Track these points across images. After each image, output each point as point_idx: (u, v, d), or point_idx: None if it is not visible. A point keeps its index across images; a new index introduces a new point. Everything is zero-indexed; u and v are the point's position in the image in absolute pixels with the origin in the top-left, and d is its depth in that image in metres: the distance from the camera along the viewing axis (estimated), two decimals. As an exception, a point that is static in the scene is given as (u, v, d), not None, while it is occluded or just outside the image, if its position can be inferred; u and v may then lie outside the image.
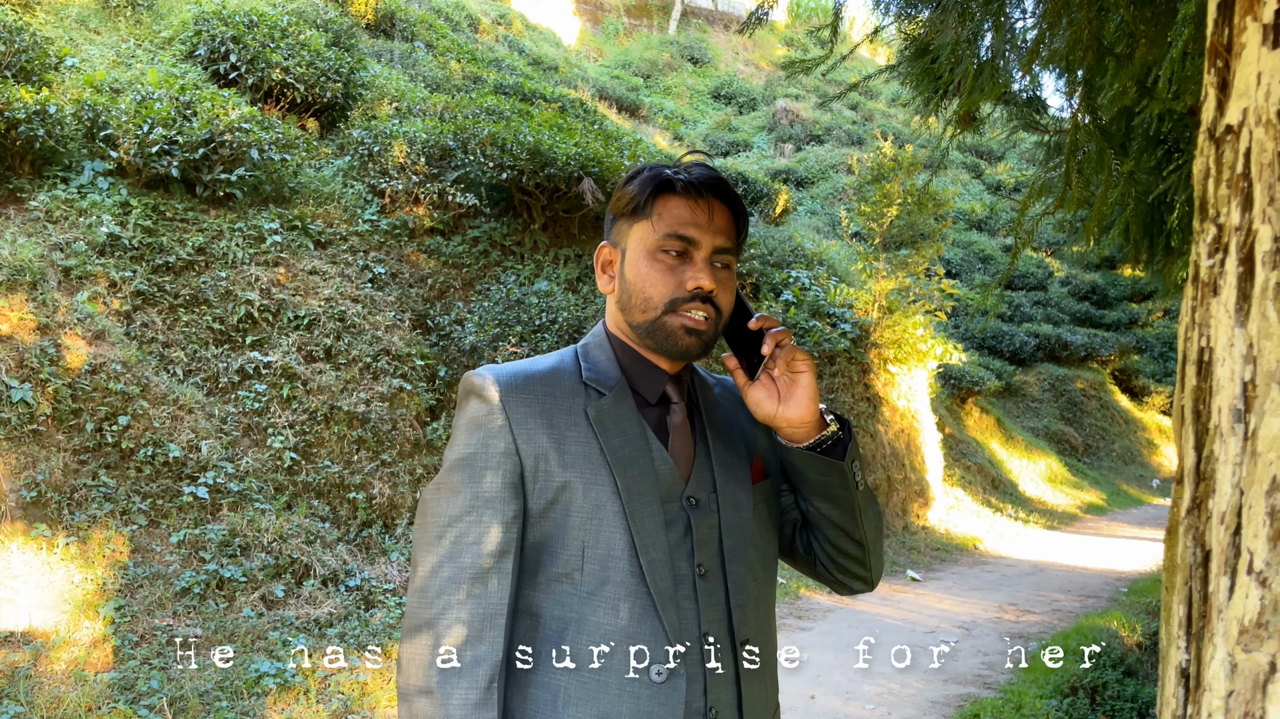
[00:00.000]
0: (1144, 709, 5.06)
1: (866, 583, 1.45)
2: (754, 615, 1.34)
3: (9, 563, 4.60)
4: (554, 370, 1.35)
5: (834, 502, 1.35)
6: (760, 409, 1.31)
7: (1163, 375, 21.79)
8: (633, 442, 1.30)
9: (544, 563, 1.28)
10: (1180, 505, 0.76)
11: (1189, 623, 0.73)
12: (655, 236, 1.30)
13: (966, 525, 11.34)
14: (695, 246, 1.30)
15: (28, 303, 5.38)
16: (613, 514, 1.26)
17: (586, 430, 1.30)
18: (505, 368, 1.34)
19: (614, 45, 28.99)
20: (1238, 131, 0.72)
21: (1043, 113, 4.39)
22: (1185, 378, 0.76)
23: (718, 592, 1.31)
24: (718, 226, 1.31)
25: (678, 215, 1.30)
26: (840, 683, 5.34)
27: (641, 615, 1.25)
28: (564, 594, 1.27)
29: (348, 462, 6.24)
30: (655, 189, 1.32)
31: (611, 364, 1.36)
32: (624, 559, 1.25)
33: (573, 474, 1.27)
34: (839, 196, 20.67)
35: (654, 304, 1.30)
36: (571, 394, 1.32)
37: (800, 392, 1.29)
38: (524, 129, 8.20)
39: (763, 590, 1.38)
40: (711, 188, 1.31)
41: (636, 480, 1.28)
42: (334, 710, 4.52)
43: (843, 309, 10.29)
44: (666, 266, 1.30)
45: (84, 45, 8.82)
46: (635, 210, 1.33)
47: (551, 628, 1.27)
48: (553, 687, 1.26)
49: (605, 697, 1.24)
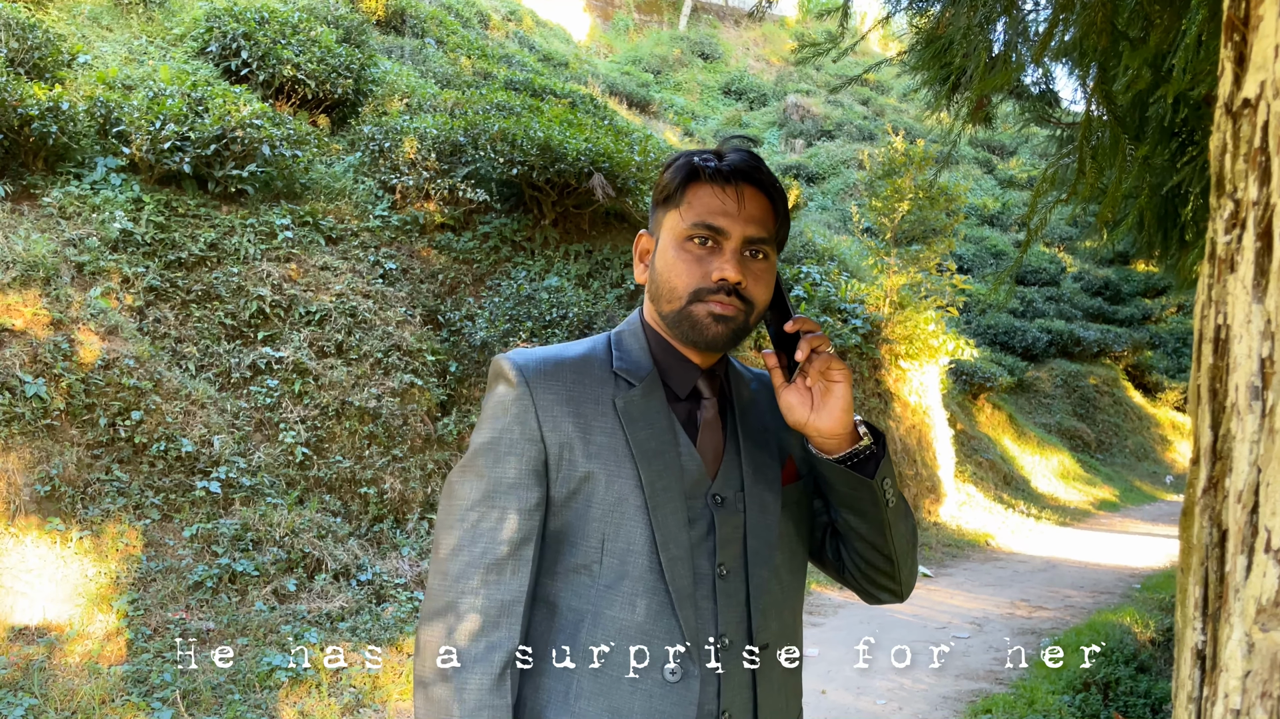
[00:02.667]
0: (1157, 705, 5.03)
1: (896, 595, 1.41)
2: (776, 619, 1.31)
3: (23, 557, 4.63)
4: (584, 358, 1.32)
5: (863, 516, 1.31)
6: (792, 414, 1.26)
7: (1176, 371, 21.65)
8: (660, 435, 1.27)
9: (564, 553, 1.26)
10: (1196, 485, 0.75)
11: (1205, 603, 0.72)
12: (684, 225, 1.27)
13: (978, 521, 11.30)
14: (724, 236, 1.25)
15: (41, 298, 5.41)
16: (635, 508, 1.24)
17: (613, 421, 1.27)
18: (535, 352, 1.31)
19: (624, 41, 28.96)
20: (1255, 105, 0.71)
21: (1055, 106, 4.36)
22: (1202, 356, 0.75)
23: (738, 593, 1.28)
24: (749, 215, 1.26)
25: (707, 204, 1.26)
26: (851, 678, 5.33)
27: (658, 612, 1.23)
28: (582, 586, 1.25)
29: (359, 457, 6.26)
30: (686, 177, 1.28)
31: (644, 354, 1.33)
32: (643, 554, 1.23)
33: (596, 465, 1.25)
34: (850, 192, 20.62)
35: (679, 294, 1.26)
36: (601, 383, 1.30)
37: (834, 402, 1.24)
38: (534, 125, 8.19)
39: (787, 595, 1.34)
40: (744, 175, 1.26)
41: (660, 475, 1.25)
42: (346, 704, 4.53)
43: (854, 304, 10.26)
44: (694, 257, 1.26)
45: (96, 42, 8.86)
46: (668, 199, 1.30)
47: (568, 619, 1.25)
48: (566, 678, 1.24)
49: (618, 692, 1.22)
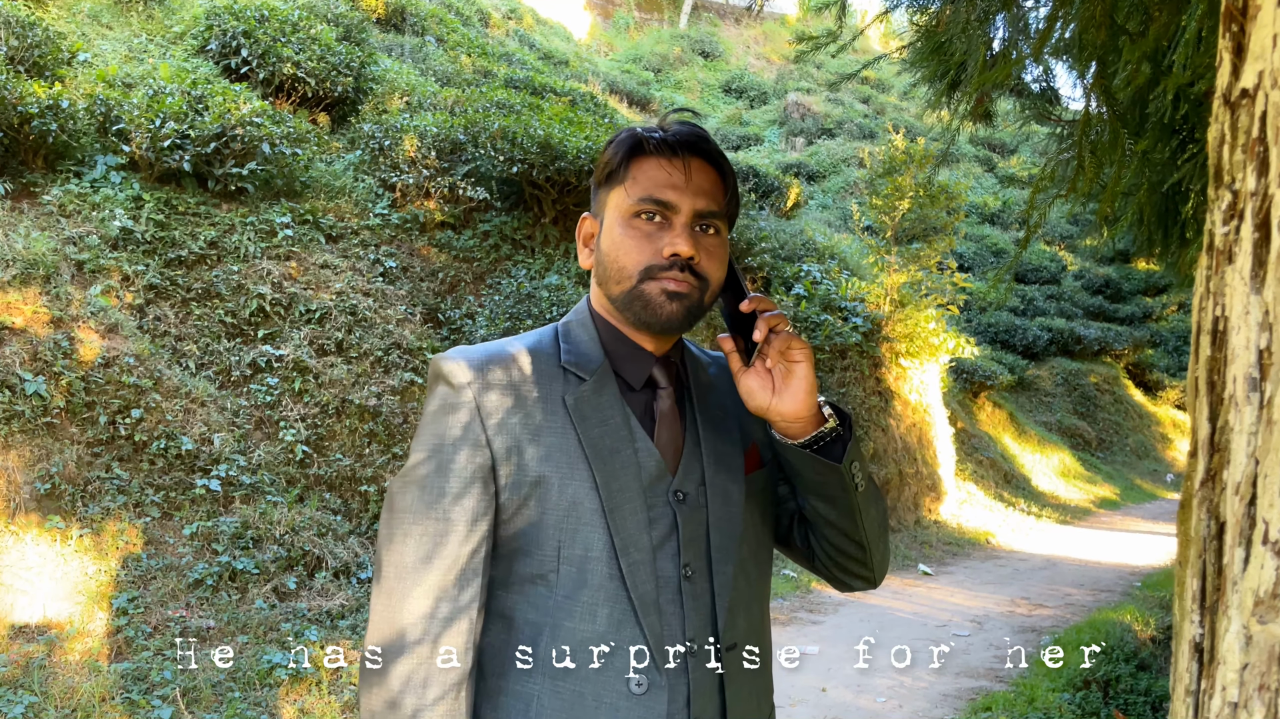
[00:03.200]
0: (1157, 703, 5.03)
1: (869, 581, 1.34)
2: (744, 617, 1.25)
3: (23, 554, 4.63)
4: (530, 352, 1.24)
5: (831, 502, 1.24)
6: (752, 400, 1.19)
7: (1177, 369, 21.64)
8: (614, 432, 1.19)
9: (517, 563, 1.19)
10: (1194, 478, 0.75)
11: (1203, 596, 0.72)
12: (630, 201, 1.19)
13: (978, 520, 11.30)
14: (673, 211, 1.18)
15: (41, 296, 5.41)
16: (591, 512, 1.16)
17: (564, 420, 1.19)
18: (476, 349, 1.23)
19: (624, 39, 28.96)
20: (1253, 95, 0.71)
21: (1056, 104, 4.36)
22: (1200, 348, 0.74)
23: (704, 594, 1.21)
24: (698, 187, 1.19)
25: (653, 177, 1.19)
26: (851, 676, 5.33)
27: (621, 621, 1.16)
28: (538, 597, 1.17)
29: (359, 455, 6.26)
30: (629, 151, 1.21)
31: (594, 345, 1.25)
32: (603, 561, 1.16)
33: (548, 468, 1.17)
34: (850, 190, 20.62)
35: (629, 273, 1.19)
36: (549, 379, 1.21)
37: (796, 383, 1.17)
38: (534, 123, 8.19)
39: (754, 589, 1.28)
40: (690, 146, 1.20)
41: (617, 475, 1.17)
42: (346, 702, 4.53)
43: (854, 303, 10.26)
44: (643, 233, 1.19)
45: (96, 40, 8.86)
46: (610, 175, 1.23)
47: (525, 632, 1.18)
48: (525, 695, 1.17)
49: (581, 707, 1.15)
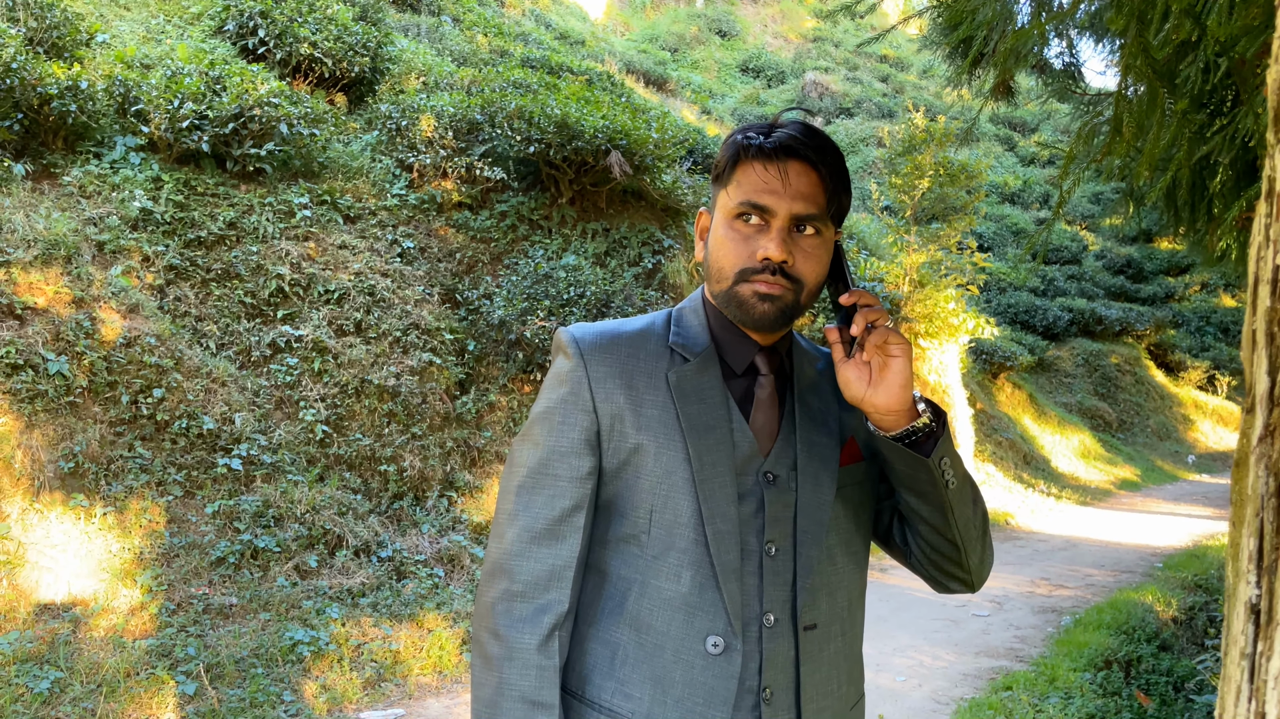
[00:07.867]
0: (1179, 683, 5.00)
1: (966, 584, 1.37)
2: (826, 600, 1.30)
3: (48, 532, 4.68)
4: (641, 333, 1.34)
5: (922, 497, 1.28)
6: (849, 390, 1.24)
7: (1199, 350, 21.43)
8: (712, 410, 1.28)
9: (614, 522, 1.29)
10: (1251, 435, 0.72)
11: (1260, 556, 0.69)
12: (732, 204, 1.25)
13: (998, 501, 11.25)
14: (770, 214, 1.23)
15: (63, 276, 5.43)
16: (683, 481, 1.25)
17: (665, 395, 1.28)
18: (593, 326, 1.34)
19: (641, 19, 28.76)
20: (1319, 34, 0.68)
21: (1079, 80, 4.28)
22: (1258, 299, 0.71)
23: (786, 573, 1.27)
24: (796, 191, 1.22)
25: (753, 182, 1.24)
26: (870, 655, 5.32)
27: (703, 585, 1.24)
28: (630, 555, 1.27)
29: (379, 434, 6.28)
30: (734, 155, 1.26)
31: (702, 330, 1.34)
32: (690, 527, 1.24)
33: (646, 437, 1.26)
34: (869, 170, 20.46)
35: (726, 274, 1.26)
36: (655, 357, 1.31)
37: (892, 377, 1.21)
38: (551, 102, 8.13)
39: (841, 576, 1.32)
40: (789, 150, 1.23)
41: (710, 450, 1.26)
42: (368, 678, 4.56)
43: (873, 283, 10.19)
44: (741, 236, 1.25)
45: (114, 21, 8.86)
46: (719, 177, 1.29)
47: (617, 587, 1.28)
48: (612, 643, 1.27)
49: (660, 660, 1.24)
